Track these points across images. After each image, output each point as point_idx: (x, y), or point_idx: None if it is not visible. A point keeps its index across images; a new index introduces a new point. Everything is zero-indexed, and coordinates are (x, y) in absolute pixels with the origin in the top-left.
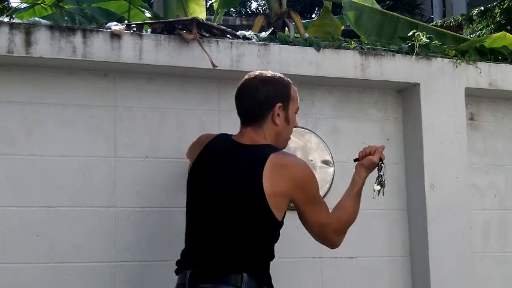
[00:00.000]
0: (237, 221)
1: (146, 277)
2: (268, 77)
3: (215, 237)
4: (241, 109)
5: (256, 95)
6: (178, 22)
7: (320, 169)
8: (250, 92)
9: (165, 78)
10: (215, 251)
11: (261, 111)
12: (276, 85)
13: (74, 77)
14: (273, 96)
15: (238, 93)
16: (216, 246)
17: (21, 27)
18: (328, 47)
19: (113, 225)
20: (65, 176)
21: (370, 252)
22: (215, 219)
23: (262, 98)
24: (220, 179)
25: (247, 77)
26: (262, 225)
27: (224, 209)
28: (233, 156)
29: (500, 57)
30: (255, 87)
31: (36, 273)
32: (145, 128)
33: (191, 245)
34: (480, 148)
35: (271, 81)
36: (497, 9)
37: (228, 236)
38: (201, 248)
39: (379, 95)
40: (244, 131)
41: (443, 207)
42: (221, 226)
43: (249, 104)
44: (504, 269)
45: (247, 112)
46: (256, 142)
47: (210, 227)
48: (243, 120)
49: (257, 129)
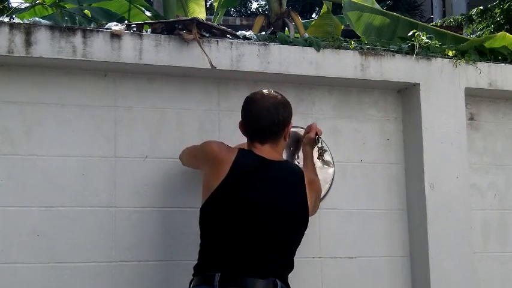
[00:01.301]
0: (286, 229)
1: (146, 277)
2: (284, 100)
3: (257, 246)
4: (261, 127)
5: (276, 116)
6: (178, 22)
7: (320, 170)
8: (271, 113)
9: (165, 78)
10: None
11: (278, 131)
12: (289, 107)
13: (74, 77)
14: (288, 117)
15: (257, 112)
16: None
17: (22, 27)
18: (328, 47)
19: (113, 225)
20: (65, 176)
21: (370, 252)
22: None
23: (281, 119)
24: (265, 193)
25: (260, 97)
26: (300, 236)
27: (275, 219)
28: (268, 170)
29: (500, 57)
30: (275, 109)
31: (37, 273)
32: (146, 128)
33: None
34: (480, 148)
35: (286, 103)
36: (497, 9)
37: (268, 246)
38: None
39: (379, 95)
40: (261, 147)
41: (443, 207)
42: (263, 235)
43: (269, 123)
44: (504, 269)
45: (266, 131)
46: (278, 159)
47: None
48: (261, 137)
49: (274, 145)
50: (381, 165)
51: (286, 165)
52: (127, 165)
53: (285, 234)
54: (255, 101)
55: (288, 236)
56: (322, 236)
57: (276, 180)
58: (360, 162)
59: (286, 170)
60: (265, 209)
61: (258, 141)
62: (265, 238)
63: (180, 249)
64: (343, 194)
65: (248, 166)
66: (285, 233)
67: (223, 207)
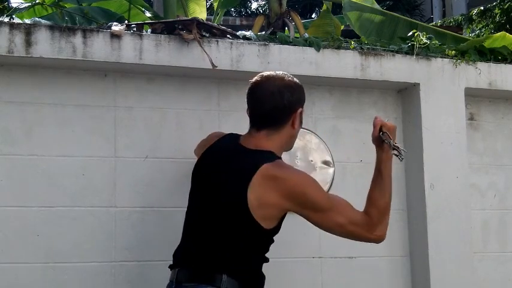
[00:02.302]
0: (223, 225)
1: (146, 277)
2: (291, 82)
3: (202, 238)
4: (261, 112)
5: (281, 100)
6: (179, 22)
7: (320, 170)
8: (274, 96)
9: (165, 78)
10: (201, 252)
11: (282, 116)
12: (298, 90)
13: (74, 77)
14: (296, 102)
15: (258, 95)
16: (203, 246)
17: (22, 27)
18: (328, 47)
19: (113, 225)
20: (65, 176)
21: (370, 252)
22: (204, 220)
23: (286, 104)
24: (215, 183)
25: (266, 79)
26: (246, 232)
27: (213, 213)
28: (231, 161)
29: (500, 57)
30: (279, 92)
31: (37, 273)
32: (146, 128)
33: (183, 243)
34: (480, 148)
35: (294, 86)
36: (497, 9)
37: (214, 238)
38: (190, 247)
39: (379, 95)
40: (254, 133)
41: (443, 207)
42: (209, 228)
43: (272, 107)
44: (504, 269)
45: (267, 115)
46: (260, 147)
47: (199, 228)
48: (259, 122)
49: (272, 132)
50: None
51: (252, 156)
52: (127, 165)
53: (226, 232)
54: (259, 83)
55: (230, 234)
56: (322, 236)
57: (230, 171)
58: (360, 162)
59: (248, 160)
60: (207, 199)
61: (255, 127)
62: (208, 234)
63: None
64: (343, 194)
65: (217, 153)
66: (226, 230)
67: (189, 197)
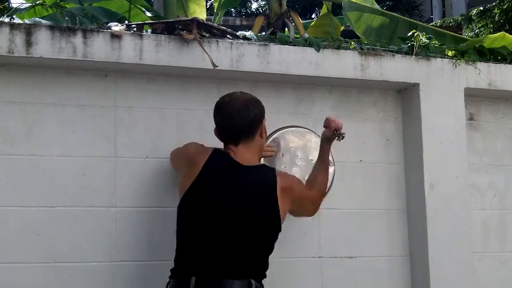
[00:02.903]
0: (253, 234)
1: (146, 277)
2: (252, 98)
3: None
4: (233, 128)
5: (248, 114)
6: (179, 22)
7: None
8: (241, 112)
9: (165, 78)
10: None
11: (252, 129)
12: (259, 104)
13: (74, 77)
14: (259, 114)
15: (227, 114)
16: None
17: (22, 27)
18: (328, 47)
19: (113, 225)
20: (65, 176)
21: (370, 252)
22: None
23: (252, 117)
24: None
25: (229, 99)
26: (273, 240)
27: (239, 224)
28: (238, 175)
29: (500, 57)
30: (245, 107)
31: (37, 273)
32: (146, 128)
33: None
34: (480, 148)
35: (255, 100)
36: (496, 9)
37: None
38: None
39: (379, 95)
40: (235, 149)
41: (442, 207)
42: (236, 238)
43: (242, 123)
44: (503, 269)
45: (239, 130)
46: (251, 162)
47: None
48: (234, 137)
49: (249, 145)
50: (381, 165)
51: (258, 170)
52: (127, 165)
53: (252, 240)
54: (224, 103)
55: (255, 240)
56: (322, 236)
57: (245, 187)
58: (360, 162)
59: (257, 176)
60: (232, 215)
61: (232, 143)
62: (233, 244)
63: None
64: (343, 194)
65: (218, 169)
66: (253, 239)
67: (193, 210)
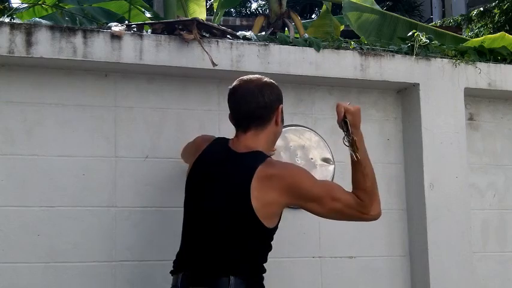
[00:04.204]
0: (227, 229)
1: (146, 277)
2: (268, 82)
3: (206, 243)
4: (244, 112)
5: (262, 98)
6: (179, 22)
7: (320, 167)
8: (255, 95)
9: (165, 78)
10: (206, 256)
11: (266, 114)
12: (276, 88)
13: (74, 77)
14: (275, 100)
15: (241, 97)
16: (207, 251)
17: (22, 27)
18: (327, 47)
19: (113, 225)
20: (65, 176)
21: (369, 252)
22: (206, 226)
23: (267, 101)
24: (212, 189)
25: (243, 82)
26: (251, 234)
27: (214, 218)
28: (226, 166)
29: (500, 57)
30: (259, 91)
31: (37, 272)
32: (146, 128)
33: (185, 248)
34: (479, 148)
35: (272, 85)
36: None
37: (218, 242)
38: (194, 252)
39: (379, 95)
40: (242, 136)
41: (442, 207)
42: (212, 233)
43: (255, 106)
44: (503, 269)
45: (251, 115)
46: (250, 149)
47: (201, 233)
48: (245, 123)
49: (259, 131)
50: (381, 165)
51: (246, 157)
52: (127, 165)
53: (230, 235)
54: (239, 86)
55: (233, 236)
56: (322, 236)
57: (228, 178)
58: None
59: (240, 165)
60: (208, 210)
61: (241, 130)
62: (213, 239)
63: None
64: None
65: (211, 156)
66: (231, 234)
67: (186, 203)
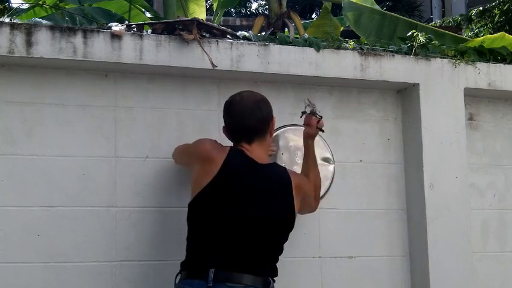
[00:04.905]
0: (275, 233)
1: (146, 276)
2: (262, 97)
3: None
4: (247, 127)
5: (260, 113)
6: (179, 22)
7: (320, 167)
8: (254, 111)
9: (165, 78)
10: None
11: (264, 127)
12: (268, 103)
13: (74, 78)
14: (270, 113)
15: (240, 113)
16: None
17: (22, 27)
18: (327, 47)
19: (113, 225)
20: (65, 176)
21: (369, 251)
22: (253, 231)
23: (265, 116)
24: (253, 198)
25: (240, 99)
26: (288, 235)
27: (265, 223)
28: (258, 175)
29: (499, 57)
30: (257, 106)
31: (37, 272)
32: (146, 128)
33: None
34: (479, 148)
35: (265, 100)
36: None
37: (264, 247)
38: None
39: (379, 95)
40: (250, 148)
41: (442, 207)
42: (260, 238)
43: (255, 121)
44: (503, 269)
45: (253, 129)
46: (264, 160)
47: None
48: (248, 137)
49: (261, 144)
50: (381, 165)
51: (274, 169)
52: (127, 165)
53: (272, 237)
54: (236, 103)
55: (275, 238)
56: (322, 236)
57: (266, 185)
58: (360, 162)
59: (274, 174)
60: (254, 212)
61: (246, 142)
62: (255, 240)
63: (180, 249)
64: (342, 193)
65: (239, 166)
66: (273, 236)
67: (214, 206)
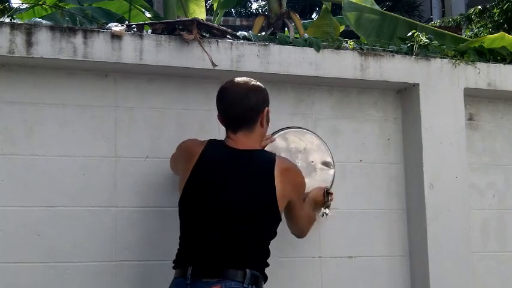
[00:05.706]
0: (252, 221)
1: (146, 276)
2: (255, 85)
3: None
4: (233, 115)
5: (248, 101)
6: (179, 22)
7: (321, 171)
8: (242, 99)
9: (165, 78)
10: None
11: (252, 117)
12: (262, 91)
13: (74, 78)
14: (261, 103)
15: (227, 100)
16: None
17: (22, 27)
18: (327, 47)
19: (113, 224)
20: (65, 175)
21: (369, 251)
22: (229, 220)
23: (253, 105)
24: (231, 184)
25: (232, 85)
26: (271, 225)
27: (240, 210)
28: (236, 161)
29: (499, 57)
30: (245, 94)
31: (37, 272)
32: (146, 128)
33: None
34: (479, 148)
35: (258, 89)
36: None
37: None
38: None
39: (379, 96)
40: (234, 137)
41: (442, 207)
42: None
43: (242, 110)
44: (503, 269)
45: (239, 118)
46: (250, 147)
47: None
48: (234, 126)
49: (248, 133)
50: (381, 165)
51: (257, 154)
52: (127, 165)
53: (250, 224)
54: (226, 89)
55: (254, 226)
56: (322, 236)
57: (244, 172)
58: (360, 162)
59: (256, 160)
60: (231, 202)
61: (231, 130)
62: (232, 231)
63: None
64: (342, 194)
65: (215, 157)
66: (251, 223)
67: (193, 200)
